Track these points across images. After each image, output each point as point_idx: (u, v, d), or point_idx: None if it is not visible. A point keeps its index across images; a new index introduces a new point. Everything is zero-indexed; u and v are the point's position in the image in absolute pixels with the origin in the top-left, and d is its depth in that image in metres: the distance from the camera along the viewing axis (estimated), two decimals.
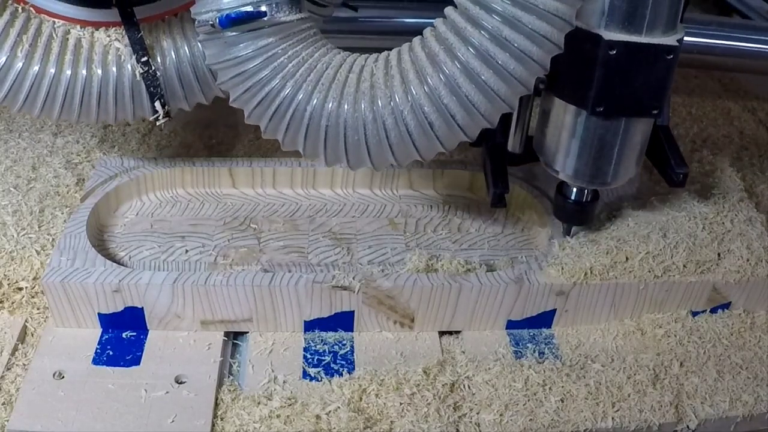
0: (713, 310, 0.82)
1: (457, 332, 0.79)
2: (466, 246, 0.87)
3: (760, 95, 1.29)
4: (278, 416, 0.66)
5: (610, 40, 0.64)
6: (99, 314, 0.74)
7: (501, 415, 0.68)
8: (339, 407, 0.67)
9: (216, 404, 0.68)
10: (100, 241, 0.82)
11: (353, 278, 0.74)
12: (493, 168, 0.81)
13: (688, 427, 0.71)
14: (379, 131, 0.65)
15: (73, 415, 0.65)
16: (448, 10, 0.63)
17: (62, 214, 0.83)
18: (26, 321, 0.74)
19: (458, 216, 0.91)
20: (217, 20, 0.61)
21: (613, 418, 0.69)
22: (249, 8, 0.61)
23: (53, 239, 0.79)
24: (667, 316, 0.80)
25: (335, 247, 0.85)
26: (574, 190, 0.78)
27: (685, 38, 0.68)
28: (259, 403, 0.68)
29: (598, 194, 0.79)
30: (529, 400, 0.69)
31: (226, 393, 0.69)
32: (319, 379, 0.71)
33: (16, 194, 0.85)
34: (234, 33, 0.63)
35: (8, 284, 0.75)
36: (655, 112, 0.69)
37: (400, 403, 0.68)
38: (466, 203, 0.93)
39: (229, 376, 0.71)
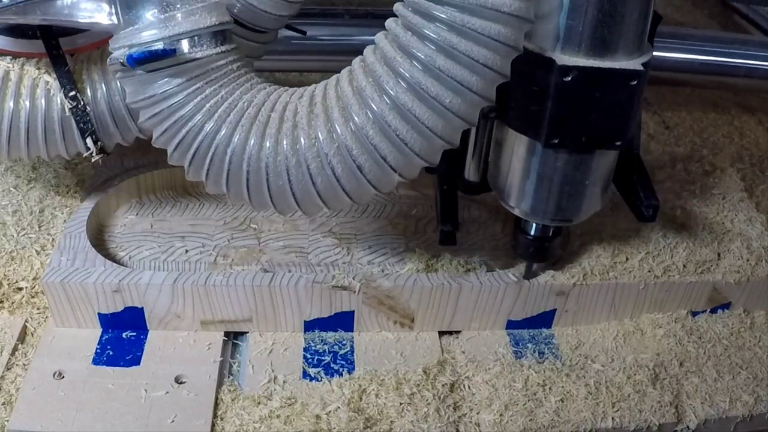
0: (713, 310, 0.82)
1: (457, 332, 0.79)
2: (466, 246, 0.87)
3: (760, 95, 1.29)
4: (278, 416, 0.66)
5: (564, 65, 0.57)
6: (99, 314, 0.74)
7: (501, 415, 0.68)
8: (339, 407, 0.67)
9: (216, 404, 0.68)
10: (100, 241, 0.82)
11: (353, 278, 0.74)
12: (442, 201, 0.73)
13: (688, 427, 0.71)
14: (304, 176, 0.59)
15: (73, 415, 0.65)
16: (378, 37, 0.57)
17: (62, 214, 0.83)
18: (26, 321, 0.74)
19: (458, 216, 0.91)
20: (125, 58, 0.57)
21: (613, 418, 0.69)
22: (159, 45, 0.56)
23: (53, 239, 0.79)
24: (667, 316, 0.80)
25: (335, 247, 0.85)
26: (535, 225, 0.72)
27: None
28: (259, 403, 0.68)
29: (561, 228, 0.73)
30: (529, 400, 0.69)
31: (226, 393, 0.69)
32: (319, 379, 0.71)
33: (16, 194, 0.85)
34: (146, 71, 0.57)
35: (8, 284, 0.75)
36: (619, 143, 0.62)
37: (400, 403, 0.68)
38: (466, 203, 0.93)
39: (229, 376, 0.71)
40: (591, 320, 0.80)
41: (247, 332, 0.77)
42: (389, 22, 0.57)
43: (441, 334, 0.78)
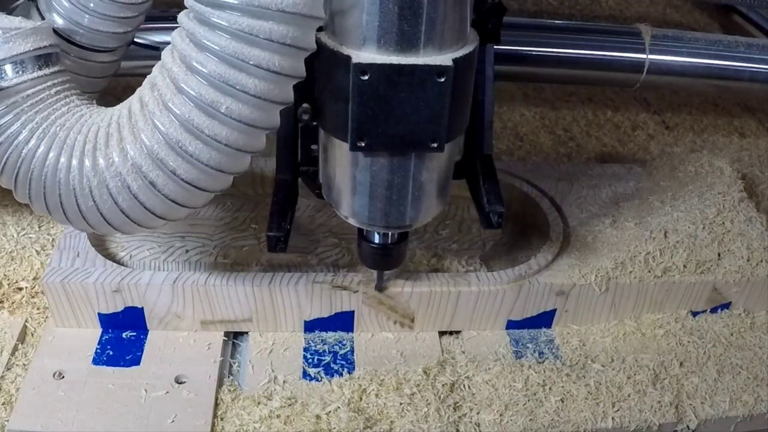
0: (713, 310, 0.82)
1: (457, 332, 0.79)
2: (466, 246, 0.87)
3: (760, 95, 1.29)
4: (278, 416, 0.66)
5: (360, 63, 0.53)
6: (99, 314, 0.74)
7: (501, 415, 0.68)
8: (339, 407, 0.67)
9: (216, 404, 0.68)
10: (100, 241, 0.82)
11: (353, 278, 0.74)
12: (272, 206, 0.69)
13: (688, 427, 0.71)
14: (106, 196, 0.57)
15: (73, 415, 0.65)
16: (165, 52, 0.55)
17: None
18: (26, 321, 0.74)
19: (458, 216, 0.91)
20: None
21: (613, 418, 0.69)
22: None
23: (53, 239, 0.79)
24: (667, 316, 0.80)
25: (335, 247, 0.85)
26: (376, 233, 0.68)
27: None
28: (259, 403, 0.68)
29: (407, 233, 0.69)
30: (529, 400, 0.69)
31: (226, 393, 0.69)
32: (319, 379, 0.71)
33: None
34: None
35: (8, 284, 0.75)
36: (435, 144, 0.57)
37: (400, 403, 0.68)
38: (466, 203, 0.93)
39: (229, 376, 0.71)
40: (591, 320, 0.80)
41: (247, 332, 0.77)
42: (174, 34, 0.54)
43: (441, 334, 0.78)
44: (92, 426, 0.65)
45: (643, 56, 1.00)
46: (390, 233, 0.68)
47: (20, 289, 0.76)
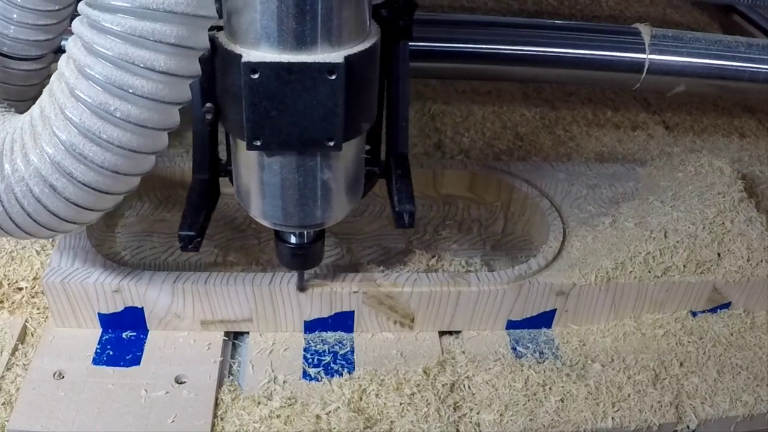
0: (713, 310, 0.82)
1: (457, 332, 0.79)
2: (466, 246, 0.87)
3: (760, 95, 1.29)
4: (278, 416, 0.66)
5: (249, 61, 0.52)
6: (99, 314, 0.74)
7: (501, 415, 0.68)
8: (339, 407, 0.67)
9: (216, 404, 0.68)
10: (100, 241, 0.82)
11: (353, 278, 0.74)
12: (188, 204, 0.68)
13: (688, 427, 0.71)
14: (12, 201, 0.57)
15: (73, 415, 0.65)
16: (62, 60, 0.55)
17: None
18: (26, 321, 0.74)
19: (458, 216, 0.91)
20: None
21: (613, 418, 0.69)
22: None
23: (53, 239, 0.79)
24: (667, 316, 0.80)
25: (335, 247, 0.85)
26: (291, 233, 0.68)
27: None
28: (259, 403, 0.68)
29: (323, 231, 0.69)
30: (529, 400, 0.69)
31: (226, 393, 0.69)
32: (319, 379, 0.71)
33: None
34: None
35: (8, 284, 0.75)
36: (332, 143, 0.57)
37: (400, 403, 0.68)
38: (466, 203, 0.93)
39: (229, 376, 0.71)
40: (591, 320, 0.80)
41: (247, 332, 0.77)
42: (68, 41, 0.54)
43: (441, 334, 0.78)
44: (92, 426, 0.65)
45: (643, 56, 1.00)
46: (305, 233, 0.67)
47: (20, 289, 0.76)
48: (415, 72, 1.00)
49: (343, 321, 0.76)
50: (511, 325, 0.79)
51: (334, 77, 0.53)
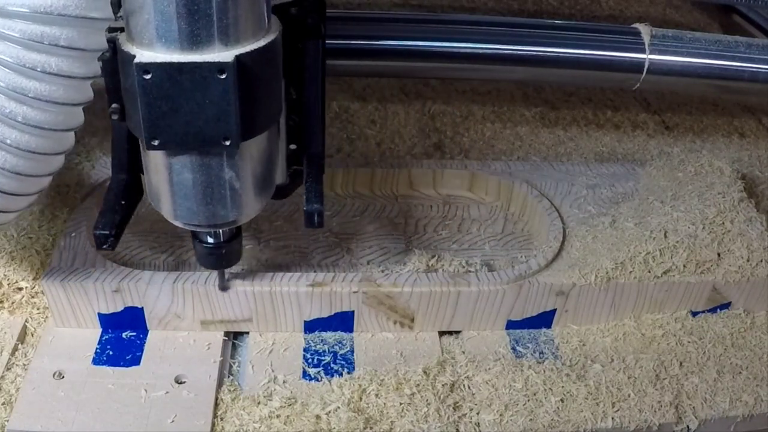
0: (713, 310, 0.82)
1: (457, 332, 0.79)
2: (466, 246, 0.87)
3: (760, 95, 1.29)
4: (278, 416, 0.66)
5: (141, 62, 0.52)
6: (99, 314, 0.74)
7: (501, 415, 0.68)
8: (339, 407, 0.67)
9: (216, 404, 0.68)
10: None
11: (353, 278, 0.74)
12: (105, 203, 0.67)
13: (688, 427, 0.71)
14: None
15: (73, 415, 0.65)
16: None
17: (62, 214, 0.83)
18: (26, 321, 0.74)
19: (458, 216, 0.91)
20: None
21: (613, 418, 0.69)
22: None
23: (53, 239, 0.79)
24: (667, 316, 0.80)
25: (335, 247, 0.85)
26: (206, 232, 0.68)
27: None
28: (259, 403, 0.68)
29: (240, 229, 0.69)
30: (529, 400, 0.69)
31: (226, 393, 0.69)
32: (319, 379, 0.71)
33: None
34: None
35: (8, 284, 0.75)
36: (228, 142, 0.56)
37: (400, 403, 0.68)
38: (466, 203, 0.93)
39: (229, 376, 0.71)
40: (591, 320, 0.80)
41: (247, 332, 0.77)
42: None
43: (441, 334, 0.78)
44: (92, 426, 0.65)
45: (643, 56, 0.99)
46: (220, 231, 0.67)
47: (20, 289, 0.76)
48: (415, 72, 1.00)
49: (343, 321, 0.76)
50: (511, 325, 0.79)
51: (224, 76, 0.53)
